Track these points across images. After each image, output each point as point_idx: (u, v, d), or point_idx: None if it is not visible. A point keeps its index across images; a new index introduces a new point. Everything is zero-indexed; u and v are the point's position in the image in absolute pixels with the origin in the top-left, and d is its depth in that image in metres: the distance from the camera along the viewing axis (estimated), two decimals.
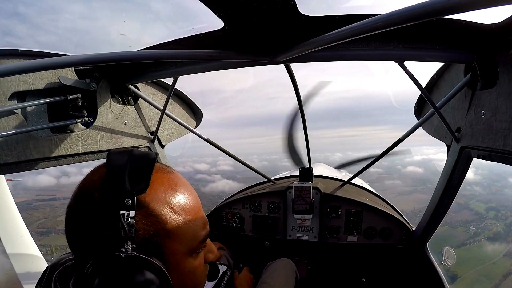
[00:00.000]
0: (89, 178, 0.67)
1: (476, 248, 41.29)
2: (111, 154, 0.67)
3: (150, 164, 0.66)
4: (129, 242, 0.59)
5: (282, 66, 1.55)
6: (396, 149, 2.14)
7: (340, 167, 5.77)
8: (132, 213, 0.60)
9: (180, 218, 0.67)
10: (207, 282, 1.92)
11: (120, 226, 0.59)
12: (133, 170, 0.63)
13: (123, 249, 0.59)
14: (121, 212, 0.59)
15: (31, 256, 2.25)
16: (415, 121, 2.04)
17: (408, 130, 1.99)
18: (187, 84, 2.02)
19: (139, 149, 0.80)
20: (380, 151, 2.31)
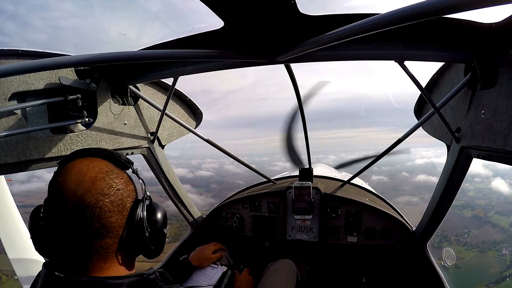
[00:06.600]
0: (89, 172, 0.83)
1: None
2: (94, 152, 0.91)
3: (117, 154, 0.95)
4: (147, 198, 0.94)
5: (276, 67, 1.55)
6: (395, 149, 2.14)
7: (339, 167, 5.78)
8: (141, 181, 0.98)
9: None
10: (207, 282, 1.93)
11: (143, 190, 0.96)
12: (119, 156, 0.93)
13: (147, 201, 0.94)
14: (140, 181, 0.97)
15: (31, 255, 2.25)
16: (409, 122, 2.03)
17: (407, 130, 1.99)
18: (184, 84, 2.02)
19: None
20: (373, 152, 2.32)
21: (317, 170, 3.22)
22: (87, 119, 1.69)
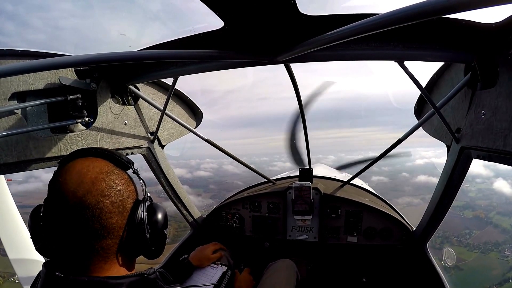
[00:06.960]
0: (89, 173, 0.82)
1: None
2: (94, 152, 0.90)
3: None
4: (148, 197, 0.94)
5: (276, 67, 1.55)
6: (395, 151, 2.14)
7: (340, 168, 5.83)
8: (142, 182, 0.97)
9: None
10: (207, 282, 1.94)
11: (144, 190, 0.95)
12: (120, 156, 0.93)
13: (148, 202, 0.93)
14: (141, 182, 0.96)
15: (31, 255, 2.25)
16: (409, 122, 2.03)
17: (407, 130, 1.98)
18: (184, 84, 2.02)
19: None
20: (372, 153, 2.32)
21: (317, 171, 3.22)
22: (87, 119, 1.69)
